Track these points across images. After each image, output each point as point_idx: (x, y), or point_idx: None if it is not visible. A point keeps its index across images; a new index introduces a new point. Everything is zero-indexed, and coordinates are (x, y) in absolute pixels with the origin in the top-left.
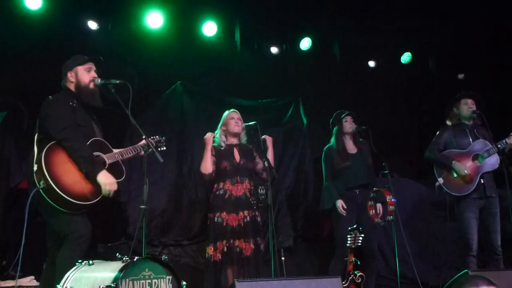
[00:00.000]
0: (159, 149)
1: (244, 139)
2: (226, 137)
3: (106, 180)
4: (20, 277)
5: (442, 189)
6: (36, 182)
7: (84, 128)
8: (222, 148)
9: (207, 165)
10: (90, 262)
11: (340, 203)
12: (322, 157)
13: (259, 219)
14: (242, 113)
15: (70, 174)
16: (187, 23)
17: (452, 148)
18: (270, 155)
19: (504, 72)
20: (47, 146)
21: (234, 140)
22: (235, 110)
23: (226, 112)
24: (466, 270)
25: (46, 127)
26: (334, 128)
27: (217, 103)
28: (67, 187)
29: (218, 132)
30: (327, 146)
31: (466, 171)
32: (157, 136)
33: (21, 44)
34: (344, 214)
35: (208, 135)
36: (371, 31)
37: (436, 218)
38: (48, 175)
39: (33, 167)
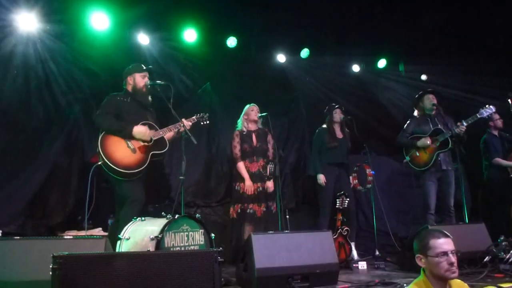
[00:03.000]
0: (203, 122)
1: (260, 125)
2: (247, 124)
3: (140, 132)
4: (90, 228)
5: (409, 165)
6: (99, 158)
7: (135, 116)
8: (244, 133)
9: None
10: (143, 218)
11: (321, 177)
12: (315, 135)
13: (269, 189)
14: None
15: (120, 151)
16: (217, 38)
17: (417, 134)
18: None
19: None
20: (103, 133)
21: (253, 126)
22: (254, 104)
23: (247, 106)
24: (427, 225)
25: None
26: (327, 117)
27: (237, 98)
28: (118, 160)
29: (241, 120)
30: (319, 128)
31: (428, 142)
32: (201, 113)
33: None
34: (324, 185)
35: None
36: (356, 41)
37: (405, 186)
38: (103, 154)
39: (97, 148)
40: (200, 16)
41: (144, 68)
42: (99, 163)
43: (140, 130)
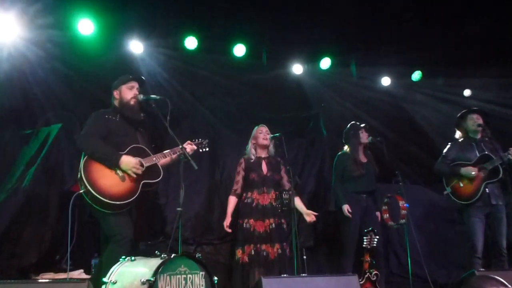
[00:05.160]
0: (201, 149)
1: (272, 151)
2: (256, 149)
3: (129, 163)
4: (71, 270)
5: (450, 198)
6: (80, 187)
7: (123, 138)
8: (252, 160)
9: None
10: (133, 258)
11: (346, 207)
12: (335, 162)
13: (285, 226)
14: (269, 125)
15: (106, 178)
16: (222, 45)
17: (460, 161)
18: None
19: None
20: (87, 156)
21: (263, 153)
22: (263, 124)
23: (256, 128)
24: (473, 270)
25: None
26: (349, 139)
27: (246, 115)
28: (104, 190)
29: (249, 145)
30: (340, 153)
31: (473, 172)
32: (199, 139)
33: (76, 65)
34: (350, 216)
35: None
36: (384, 52)
37: (445, 221)
38: (86, 181)
39: (77, 174)
40: (202, 21)
41: (131, 77)
42: (81, 191)
43: (128, 161)
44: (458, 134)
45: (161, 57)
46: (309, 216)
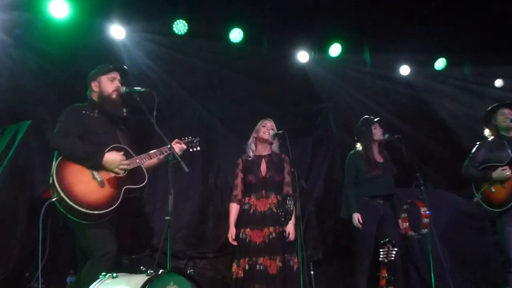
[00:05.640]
0: (192, 149)
1: (276, 149)
2: (256, 145)
3: (114, 161)
4: None
5: (481, 205)
6: (52, 194)
7: (102, 136)
8: (250, 159)
9: None
10: (114, 275)
11: (356, 217)
12: (346, 162)
13: (285, 234)
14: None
15: (83, 184)
16: (216, 30)
17: (490, 163)
18: None
19: None
20: (60, 158)
21: (264, 150)
22: (269, 118)
23: (261, 121)
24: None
25: None
26: (362, 135)
27: (245, 110)
28: (79, 197)
29: (250, 140)
30: (351, 153)
31: (508, 173)
32: (189, 137)
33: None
34: (360, 227)
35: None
36: (403, 36)
37: (474, 231)
38: (60, 187)
39: (50, 178)
40: (193, 1)
41: (112, 67)
42: (54, 199)
43: (113, 158)
44: (487, 131)
45: (146, 43)
46: (290, 235)
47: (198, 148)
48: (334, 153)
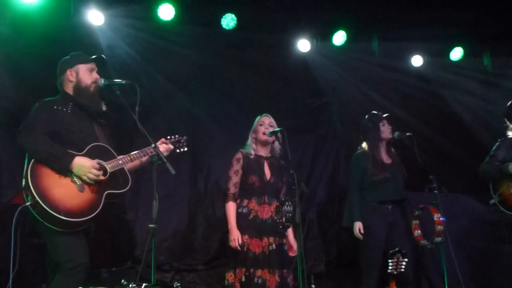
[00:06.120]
0: (179, 150)
1: (277, 151)
2: (256, 145)
3: (81, 166)
4: None
5: (498, 208)
6: (25, 198)
7: (79, 135)
8: (252, 158)
9: None
10: None
11: (358, 226)
12: (351, 163)
13: (286, 247)
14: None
15: (60, 187)
16: (206, 16)
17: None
18: None
19: None
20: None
21: (264, 151)
22: (267, 114)
23: (258, 118)
24: None
25: None
26: (368, 133)
27: (238, 106)
28: (56, 202)
29: (249, 140)
30: (356, 153)
31: None
32: (176, 136)
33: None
34: (361, 238)
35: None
36: (416, 23)
37: (493, 239)
38: (35, 190)
39: (22, 181)
40: None
41: (91, 58)
42: (27, 204)
43: (82, 164)
44: (510, 128)
45: (128, 30)
46: (290, 248)
47: (186, 149)
48: (338, 154)
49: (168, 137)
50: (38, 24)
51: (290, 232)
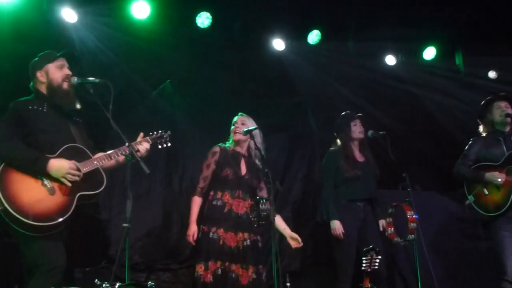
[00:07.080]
0: (161, 146)
1: (252, 150)
2: (234, 144)
3: (60, 167)
4: None
5: (473, 208)
6: None
7: (54, 135)
8: (229, 152)
9: None
10: None
11: (337, 226)
12: (324, 161)
13: (260, 244)
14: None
15: (30, 192)
16: (181, 14)
17: (484, 162)
18: None
19: None
20: (3, 163)
21: (242, 150)
22: (243, 114)
23: (235, 118)
24: None
25: None
26: (341, 132)
27: (213, 104)
28: (26, 207)
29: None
30: (330, 150)
31: (500, 179)
32: (159, 132)
33: None
34: (342, 237)
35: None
36: (389, 23)
37: (466, 237)
38: (3, 196)
39: None
40: None
41: (59, 54)
42: None
43: (60, 165)
44: (482, 127)
45: (102, 28)
46: (295, 241)
47: (170, 144)
48: (313, 152)
49: (150, 133)
50: (11, 22)
51: (286, 227)
